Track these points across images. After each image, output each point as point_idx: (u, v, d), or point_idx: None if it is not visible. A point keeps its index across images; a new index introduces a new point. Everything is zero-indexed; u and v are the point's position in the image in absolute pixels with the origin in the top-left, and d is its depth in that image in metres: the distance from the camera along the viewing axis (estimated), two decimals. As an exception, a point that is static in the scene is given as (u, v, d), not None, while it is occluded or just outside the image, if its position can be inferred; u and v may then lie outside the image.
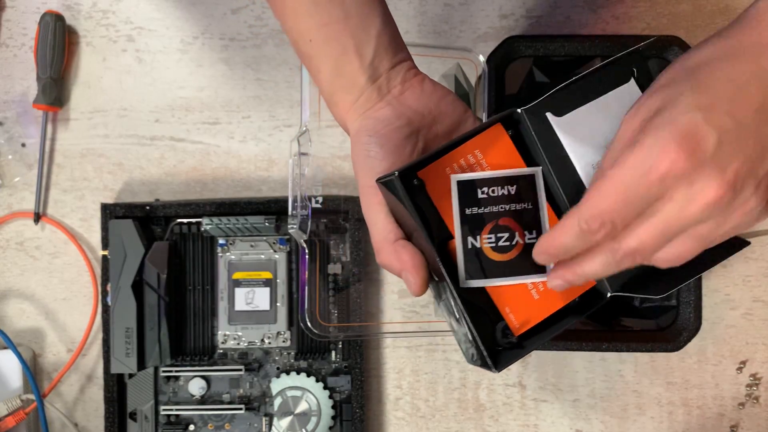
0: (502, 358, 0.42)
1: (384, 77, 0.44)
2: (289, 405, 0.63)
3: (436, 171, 0.44)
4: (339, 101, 0.45)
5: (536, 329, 0.43)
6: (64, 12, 0.66)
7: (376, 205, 0.43)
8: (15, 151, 0.66)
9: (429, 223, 0.43)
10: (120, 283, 0.61)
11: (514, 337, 0.42)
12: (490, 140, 0.45)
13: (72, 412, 0.66)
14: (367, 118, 0.44)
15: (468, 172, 0.44)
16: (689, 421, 0.65)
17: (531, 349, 0.44)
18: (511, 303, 0.43)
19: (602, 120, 0.44)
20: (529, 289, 0.43)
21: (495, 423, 0.65)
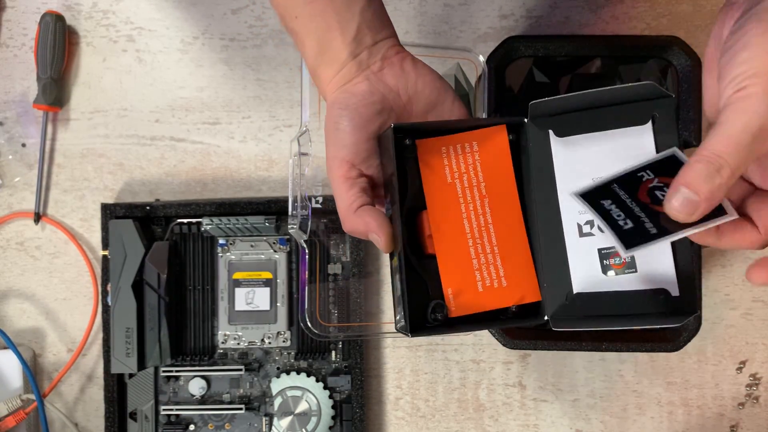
0: (420, 327, 0.44)
1: (365, 53, 0.45)
2: (289, 405, 0.63)
3: (432, 145, 0.45)
4: (321, 75, 0.46)
5: (468, 318, 0.45)
6: (65, 12, 0.66)
7: (341, 177, 0.44)
8: (15, 151, 0.67)
9: (407, 184, 0.44)
10: (120, 283, 0.61)
11: (445, 317, 0.44)
12: (491, 138, 0.45)
13: (72, 412, 0.66)
14: (342, 92, 0.45)
15: (460, 158, 0.45)
16: (689, 421, 0.65)
17: (453, 332, 0.45)
18: (455, 287, 0.44)
19: (601, 154, 0.43)
20: (477, 280, 0.44)
21: (495, 423, 0.65)
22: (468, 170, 0.45)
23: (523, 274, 0.45)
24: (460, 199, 0.45)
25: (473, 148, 0.45)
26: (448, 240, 0.44)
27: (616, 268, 0.43)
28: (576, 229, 0.44)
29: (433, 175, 0.45)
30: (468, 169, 0.45)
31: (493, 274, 0.45)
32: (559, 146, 0.44)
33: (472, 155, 0.45)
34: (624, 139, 0.42)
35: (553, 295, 0.44)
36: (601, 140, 0.43)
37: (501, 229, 0.45)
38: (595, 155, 0.43)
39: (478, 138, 0.45)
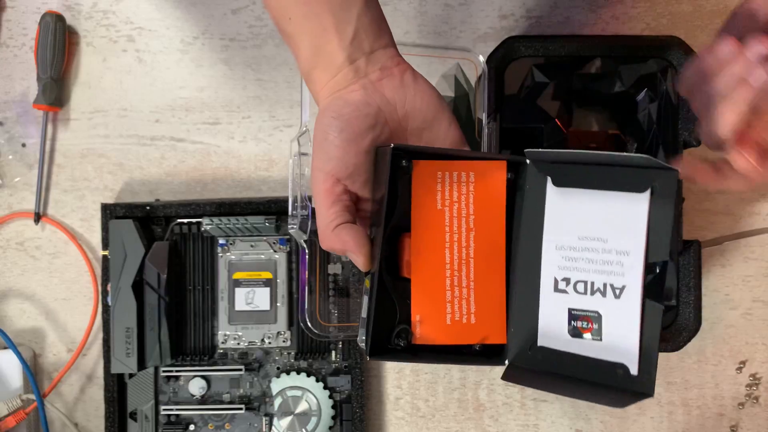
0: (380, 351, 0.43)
1: (363, 59, 0.43)
2: (289, 405, 0.63)
3: (429, 168, 0.44)
4: (316, 79, 0.44)
5: (431, 348, 0.44)
6: (65, 12, 0.66)
7: (324, 192, 0.43)
8: (15, 151, 0.67)
9: (396, 204, 0.43)
10: (120, 283, 0.61)
11: (408, 343, 0.43)
12: (489, 172, 0.44)
13: (72, 412, 0.66)
14: (336, 98, 0.43)
15: (454, 186, 0.44)
16: (689, 421, 0.65)
17: (413, 361, 0.45)
18: (424, 314, 0.43)
19: (593, 213, 0.42)
20: (446, 312, 0.44)
21: (495, 423, 0.65)
22: (460, 200, 0.44)
23: (494, 314, 0.44)
24: (447, 227, 0.44)
25: (469, 179, 0.44)
26: (426, 267, 0.44)
27: (582, 332, 0.42)
28: (552, 282, 0.43)
29: (424, 198, 0.44)
30: (460, 199, 0.44)
31: (464, 309, 0.44)
32: (554, 195, 0.43)
33: (467, 185, 0.44)
34: (619, 204, 0.41)
35: (517, 342, 0.44)
36: (597, 199, 0.42)
37: (481, 265, 0.44)
38: (587, 213, 0.42)
39: (476, 169, 0.44)
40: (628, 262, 0.41)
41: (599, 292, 0.42)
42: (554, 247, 0.43)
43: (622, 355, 0.41)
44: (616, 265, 0.41)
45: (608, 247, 0.41)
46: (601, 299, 0.42)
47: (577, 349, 0.42)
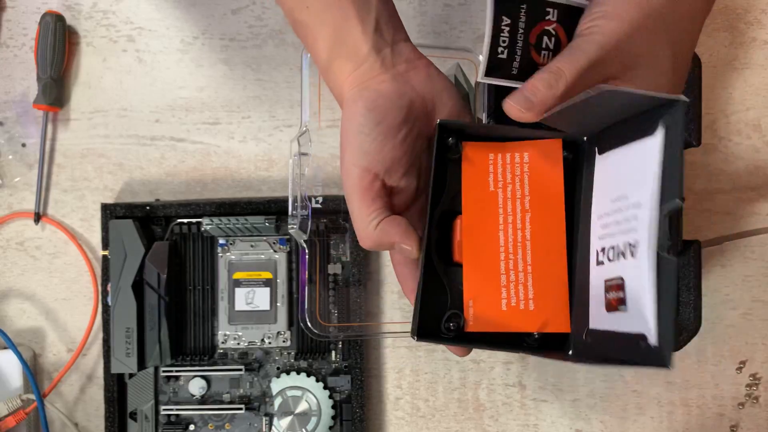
0: (428, 334, 0.42)
1: (389, 49, 0.42)
2: (289, 405, 0.63)
3: (480, 149, 0.42)
4: (337, 70, 0.42)
5: (485, 336, 0.42)
6: (65, 12, 0.66)
7: (362, 190, 0.41)
8: (15, 151, 0.67)
9: (445, 185, 0.42)
10: (120, 283, 0.61)
11: (460, 329, 0.41)
12: (544, 151, 0.43)
13: (72, 412, 0.66)
14: (367, 89, 0.41)
15: (507, 168, 0.42)
16: (689, 421, 0.65)
17: (465, 347, 0.43)
18: (477, 300, 0.41)
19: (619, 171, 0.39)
20: (502, 297, 0.41)
21: (495, 423, 0.65)
22: (514, 181, 0.42)
23: (555, 300, 0.41)
24: (500, 209, 0.42)
25: (523, 159, 0.42)
26: (479, 250, 0.42)
27: (613, 303, 0.38)
28: (595, 256, 0.40)
29: (475, 180, 0.42)
30: (514, 180, 0.42)
31: (521, 294, 0.41)
32: (600, 163, 0.41)
33: (521, 166, 0.43)
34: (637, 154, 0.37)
35: (579, 330, 0.40)
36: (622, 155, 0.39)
37: (539, 248, 0.42)
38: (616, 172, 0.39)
39: (530, 149, 0.42)
40: (641, 214, 0.36)
41: (621, 254, 0.38)
42: (596, 218, 0.40)
43: (641, 323, 0.36)
44: (633, 221, 0.37)
45: (628, 203, 0.37)
46: (622, 261, 0.37)
47: (611, 324, 0.38)
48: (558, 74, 0.38)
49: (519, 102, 0.39)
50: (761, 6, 0.64)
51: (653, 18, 0.39)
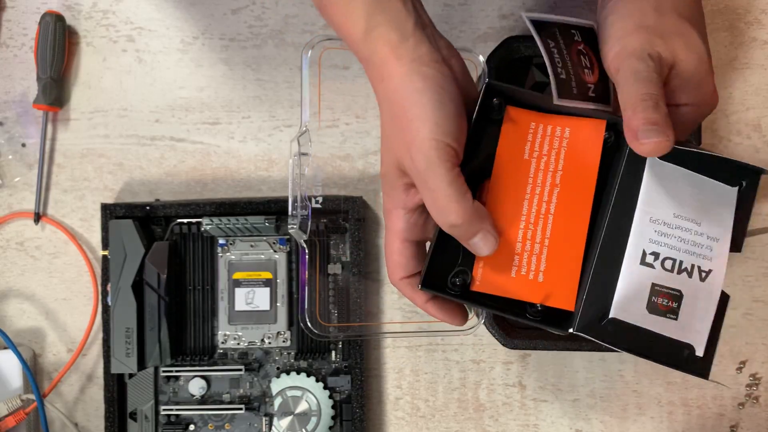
0: (434, 285, 0.42)
1: (430, 30, 0.41)
2: (289, 405, 0.63)
3: (522, 116, 0.42)
4: (379, 38, 0.40)
5: (489, 298, 0.43)
6: (65, 12, 0.66)
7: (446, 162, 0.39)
8: (15, 151, 0.67)
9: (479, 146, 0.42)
10: (120, 283, 0.61)
11: (465, 286, 0.42)
12: (586, 130, 0.43)
13: (72, 412, 0.66)
14: (428, 66, 0.40)
15: (546, 139, 0.43)
16: (689, 421, 0.65)
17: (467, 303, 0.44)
18: (488, 261, 0.42)
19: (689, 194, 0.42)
20: (513, 264, 0.42)
21: (495, 423, 0.65)
22: (550, 153, 0.43)
23: (565, 276, 0.42)
24: (530, 179, 0.42)
25: (564, 134, 0.43)
26: (501, 214, 0.42)
27: (661, 308, 0.42)
28: (640, 254, 0.42)
29: (511, 146, 0.42)
30: (550, 152, 0.43)
31: (533, 265, 0.42)
32: (654, 166, 0.42)
33: (560, 140, 0.43)
34: (713, 191, 0.43)
35: (587, 312, 0.42)
36: (693, 181, 0.42)
37: (560, 224, 0.42)
38: (683, 192, 0.42)
39: (572, 125, 0.43)
40: (717, 248, 0.42)
41: (686, 272, 0.42)
42: (648, 219, 0.42)
43: (692, 336, 0.42)
44: (706, 249, 0.42)
45: (701, 231, 0.42)
46: (686, 279, 0.42)
47: (650, 325, 0.42)
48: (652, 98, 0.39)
49: (653, 135, 0.38)
50: (761, 6, 0.64)
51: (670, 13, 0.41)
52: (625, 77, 0.40)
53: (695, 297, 0.42)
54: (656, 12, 0.41)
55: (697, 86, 0.42)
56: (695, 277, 0.42)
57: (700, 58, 0.42)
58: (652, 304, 0.42)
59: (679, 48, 0.41)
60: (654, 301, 0.42)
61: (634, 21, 0.41)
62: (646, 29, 0.40)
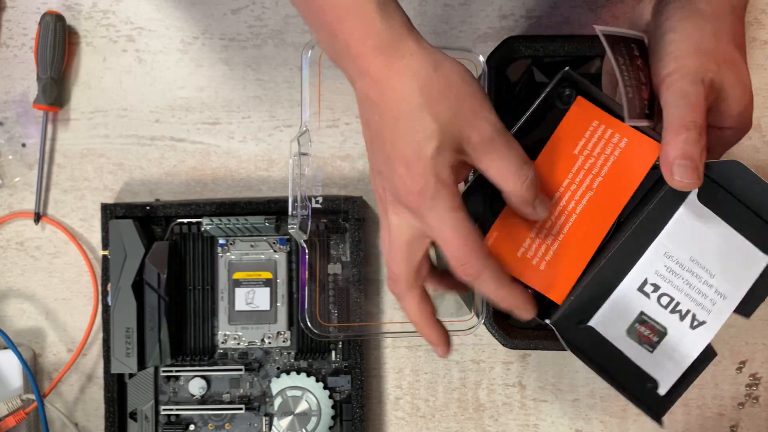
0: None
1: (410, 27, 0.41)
2: (289, 405, 0.63)
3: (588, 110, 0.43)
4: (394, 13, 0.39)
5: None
6: (65, 12, 0.66)
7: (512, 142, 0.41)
8: (15, 151, 0.67)
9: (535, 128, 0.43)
10: (120, 283, 0.61)
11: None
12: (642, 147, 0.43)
13: (72, 412, 0.66)
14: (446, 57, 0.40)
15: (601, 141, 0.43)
16: (689, 421, 0.65)
17: None
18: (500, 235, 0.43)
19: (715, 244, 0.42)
20: (522, 245, 0.43)
21: (495, 423, 0.65)
22: (599, 156, 0.43)
23: (565, 273, 0.43)
24: (571, 174, 0.43)
25: (619, 143, 0.43)
26: None
27: (640, 337, 0.42)
28: (641, 281, 0.42)
29: (568, 136, 0.43)
30: (600, 156, 0.43)
31: (540, 252, 0.43)
32: (691, 205, 0.42)
33: (613, 147, 0.43)
34: (741, 250, 0.42)
35: (570, 311, 0.43)
36: (725, 234, 0.42)
37: (580, 226, 0.43)
38: (710, 240, 0.42)
39: (630, 137, 0.43)
40: (720, 304, 0.42)
41: (679, 314, 0.42)
42: (663, 253, 0.42)
43: (661, 373, 0.43)
44: (709, 301, 0.42)
45: (712, 282, 0.42)
46: (676, 320, 0.42)
47: (623, 347, 0.43)
48: (697, 127, 0.39)
49: (689, 175, 0.39)
50: (761, 6, 0.64)
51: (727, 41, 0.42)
52: (675, 98, 0.40)
53: (679, 340, 0.42)
54: (714, 38, 0.41)
55: (740, 114, 0.43)
56: (686, 322, 0.42)
57: (746, 88, 0.42)
58: (634, 329, 0.42)
59: (730, 76, 0.41)
60: (636, 328, 0.42)
61: (692, 43, 0.41)
62: (704, 53, 0.41)
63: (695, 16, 0.42)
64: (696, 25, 0.42)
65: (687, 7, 0.42)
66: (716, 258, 0.42)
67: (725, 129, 0.43)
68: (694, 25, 0.42)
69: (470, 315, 0.60)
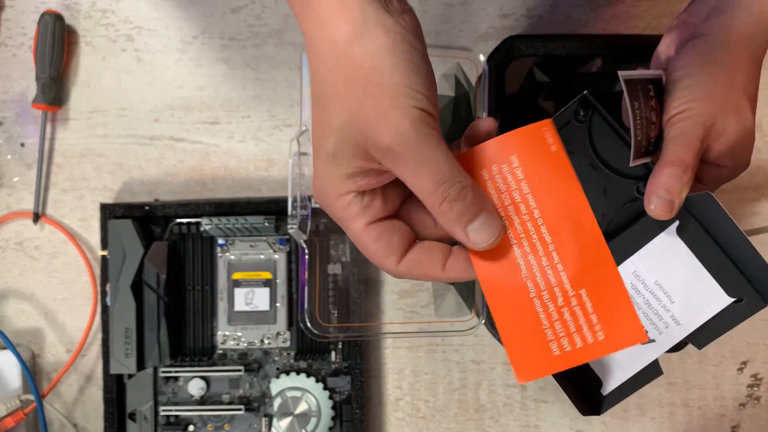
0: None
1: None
2: (289, 405, 0.63)
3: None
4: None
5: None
6: (64, 12, 0.66)
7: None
8: (14, 150, 0.66)
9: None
10: (119, 284, 0.61)
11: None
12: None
13: (71, 413, 0.66)
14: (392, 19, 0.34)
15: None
16: (690, 422, 0.65)
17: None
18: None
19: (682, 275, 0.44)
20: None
21: (495, 423, 0.65)
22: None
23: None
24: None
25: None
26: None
27: None
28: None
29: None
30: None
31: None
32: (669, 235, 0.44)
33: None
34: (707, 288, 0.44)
35: None
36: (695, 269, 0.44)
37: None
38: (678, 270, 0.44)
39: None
40: (673, 329, 0.45)
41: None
42: (632, 272, 0.44)
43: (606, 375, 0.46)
44: (662, 324, 0.45)
45: (669, 307, 0.44)
46: None
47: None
48: (684, 166, 0.41)
49: (663, 206, 0.41)
50: (762, 5, 0.64)
51: (739, 91, 0.43)
52: (674, 136, 0.42)
53: (628, 352, 0.45)
54: (727, 88, 0.43)
55: (739, 155, 0.45)
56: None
57: (748, 133, 0.44)
58: None
59: (733, 122, 0.43)
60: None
61: (705, 91, 0.43)
62: (713, 100, 0.43)
63: (712, 66, 0.43)
64: (711, 75, 0.43)
65: (707, 55, 0.44)
66: (680, 287, 0.44)
67: (723, 167, 0.45)
68: (710, 75, 0.43)
69: (470, 315, 0.60)
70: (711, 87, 0.43)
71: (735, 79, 0.44)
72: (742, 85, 0.44)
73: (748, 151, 0.46)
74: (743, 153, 0.45)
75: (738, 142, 0.44)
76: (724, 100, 0.43)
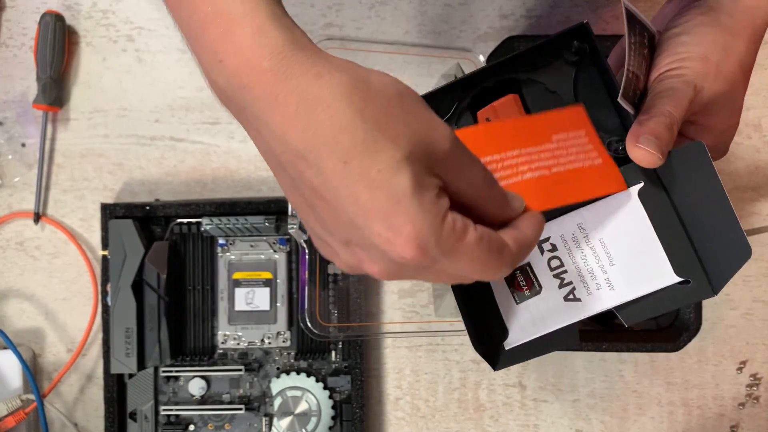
0: None
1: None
2: (289, 405, 0.63)
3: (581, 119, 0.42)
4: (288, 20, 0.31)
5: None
6: (64, 12, 0.66)
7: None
8: (15, 151, 0.66)
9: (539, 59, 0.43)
10: (120, 283, 0.61)
11: None
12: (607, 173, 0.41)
13: (72, 412, 0.66)
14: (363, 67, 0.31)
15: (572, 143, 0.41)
16: (689, 422, 0.65)
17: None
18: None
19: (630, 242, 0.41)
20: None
21: (495, 423, 0.65)
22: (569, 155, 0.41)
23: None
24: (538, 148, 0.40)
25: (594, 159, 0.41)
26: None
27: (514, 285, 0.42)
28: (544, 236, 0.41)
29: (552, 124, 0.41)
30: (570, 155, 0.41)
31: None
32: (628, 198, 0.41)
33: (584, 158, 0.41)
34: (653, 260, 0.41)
35: None
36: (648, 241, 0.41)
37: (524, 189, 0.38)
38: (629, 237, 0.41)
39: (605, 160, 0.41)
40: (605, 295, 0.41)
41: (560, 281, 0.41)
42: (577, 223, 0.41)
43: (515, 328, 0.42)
44: (594, 285, 0.41)
45: (607, 270, 0.41)
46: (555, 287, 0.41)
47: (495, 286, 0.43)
48: (671, 118, 0.39)
49: (651, 146, 0.39)
50: (762, 6, 0.64)
51: (735, 60, 0.41)
52: (662, 90, 0.40)
53: (547, 306, 0.41)
54: (724, 52, 0.41)
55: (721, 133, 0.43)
56: (563, 291, 0.41)
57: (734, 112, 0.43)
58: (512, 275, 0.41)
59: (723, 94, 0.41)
60: (514, 274, 0.41)
61: (701, 51, 0.41)
62: (707, 63, 0.41)
63: (713, 26, 0.41)
64: (711, 35, 0.41)
65: (709, 14, 0.42)
66: (625, 252, 0.40)
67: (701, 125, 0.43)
68: (709, 35, 0.41)
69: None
70: (708, 48, 0.41)
71: (734, 45, 0.41)
72: (740, 55, 0.42)
73: (730, 132, 0.43)
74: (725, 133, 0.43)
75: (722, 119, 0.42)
76: (718, 65, 0.41)
